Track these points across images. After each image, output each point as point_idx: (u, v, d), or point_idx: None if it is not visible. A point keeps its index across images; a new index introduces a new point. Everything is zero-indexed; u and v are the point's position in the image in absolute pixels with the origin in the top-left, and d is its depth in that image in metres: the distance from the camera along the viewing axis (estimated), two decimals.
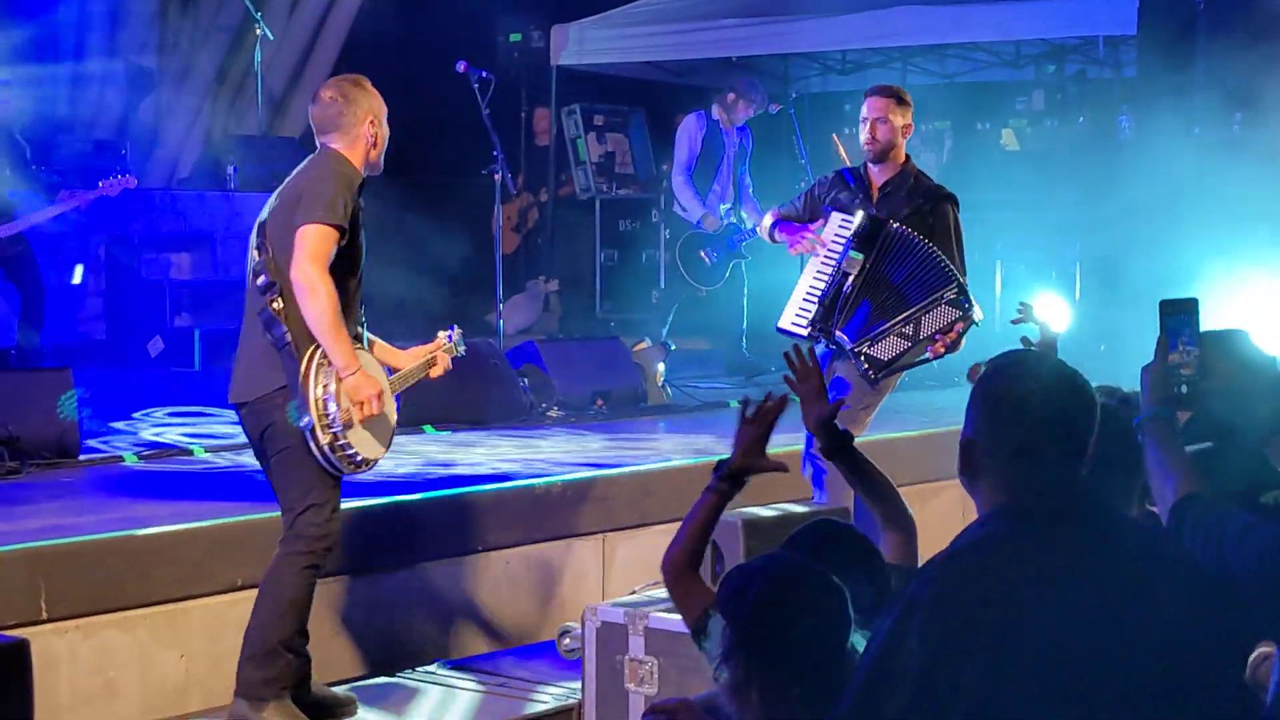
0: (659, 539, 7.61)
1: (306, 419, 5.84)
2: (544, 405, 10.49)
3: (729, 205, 12.65)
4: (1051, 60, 15.85)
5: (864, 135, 7.66)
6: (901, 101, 7.66)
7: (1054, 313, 13.62)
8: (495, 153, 11.29)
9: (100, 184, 11.61)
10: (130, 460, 8.65)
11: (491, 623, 7.64)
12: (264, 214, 6.05)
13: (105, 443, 9.15)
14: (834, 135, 17.85)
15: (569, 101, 16.46)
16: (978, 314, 7.45)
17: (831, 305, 7.52)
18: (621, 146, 16.78)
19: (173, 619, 6.67)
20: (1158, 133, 12.74)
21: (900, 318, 7.42)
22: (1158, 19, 12.80)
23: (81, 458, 8.52)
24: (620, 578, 7.87)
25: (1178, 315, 4.03)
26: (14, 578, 6.25)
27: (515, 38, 16.87)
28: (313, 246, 5.78)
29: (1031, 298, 6.15)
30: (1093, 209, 13.53)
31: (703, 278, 12.63)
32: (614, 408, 10.78)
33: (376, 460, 6.13)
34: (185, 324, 13.21)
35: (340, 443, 5.90)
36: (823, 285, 7.53)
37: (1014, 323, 5.88)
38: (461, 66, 11.14)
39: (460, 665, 7.27)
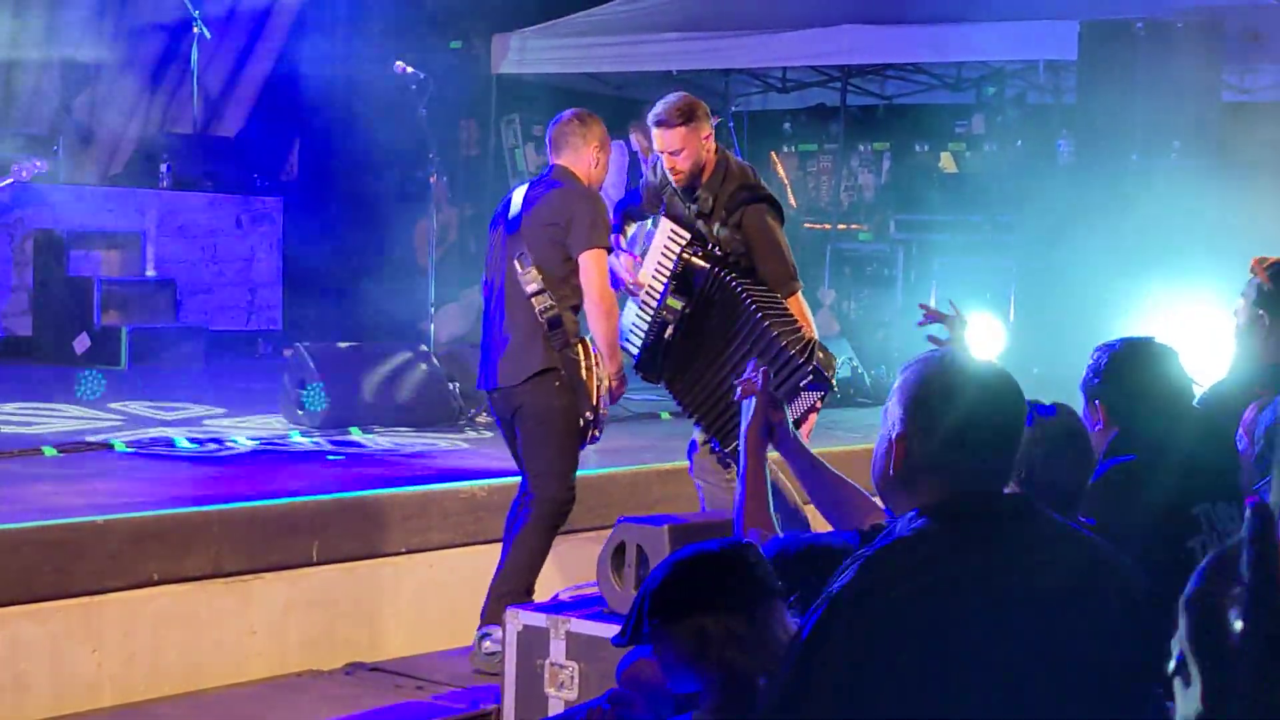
0: (585, 546, 7.58)
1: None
2: (474, 410, 10.38)
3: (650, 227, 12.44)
4: (991, 83, 15.87)
5: (665, 169, 7.04)
6: (693, 119, 6.91)
7: (988, 334, 13.72)
8: (431, 154, 11.20)
9: (12, 170, 11.44)
10: (49, 453, 8.51)
11: (413, 625, 7.54)
12: (513, 221, 7.00)
13: (25, 435, 9.01)
14: (772, 153, 17.95)
15: (508, 111, 16.38)
16: (833, 377, 6.81)
17: (654, 352, 7.07)
18: None
19: (87, 612, 6.55)
20: (1096, 158, 12.77)
21: None
22: (1098, 45, 12.82)
23: None
24: (545, 583, 7.78)
25: None
26: None
27: (456, 45, 16.78)
28: (604, 270, 6.94)
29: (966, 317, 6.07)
30: (1029, 232, 13.54)
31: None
32: None
33: None
34: (113, 321, 13.05)
35: (600, 424, 7.06)
36: (644, 324, 7.06)
37: (920, 324, 5.71)
38: (399, 67, 11.02)
39: (379, 667, 7.17)
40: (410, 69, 10.96)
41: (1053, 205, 13.05)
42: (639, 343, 7.12)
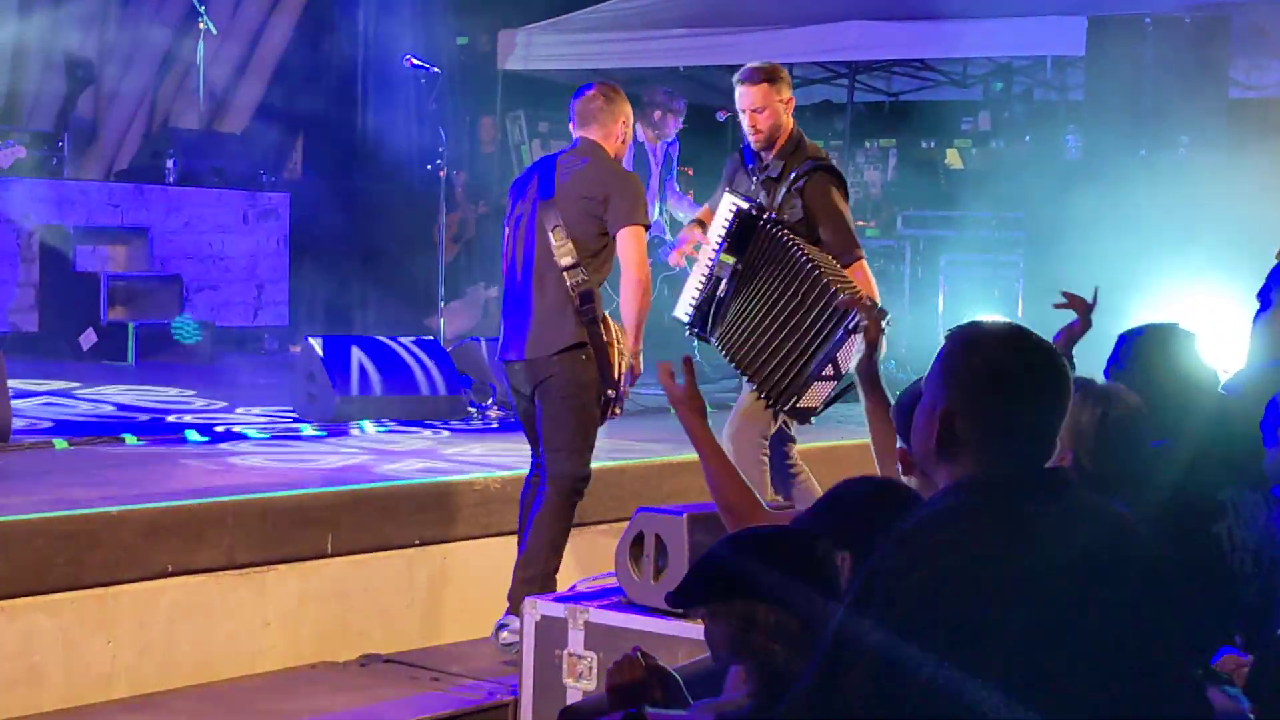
0: (600, 539, 7.57)
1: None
2: (484, 404, 10.37)
3: (656, 216, 12.40)
4: (998, 79, 15.84)
5: (746, 128, 7.28)
6: (775, 80, 7.26)
7: None
8: (441, 148, 11.17)
9: None
10: (60, 445, 8.48)
11: (427, 617, 7.52)
12: (546, 190, 6.96)
13: (35, 429, 8.98)
14: None
15: (514, 107, 16.34)
16: (887, 314, 6.59)
17: (707, 311, 7.23)
18: None
19: (101, 604, 6.53)
20: (1104, 154, 12.74)
21: (806, 357, 6.86)
22: (1105, 40, 12.80)
23: (10, 442, 8.34)
24: (561, 575, 7.76)
25: None
26: None
27: (462, 41, 16.75)
28: (643, 248, 6.93)
29: (975, 317, 6.00)
30: (1036, 229, 13.50)
31: None
32: None
33: None
34: (119, 317, 13.03)
35: (621, 401, 7.08)
36: (700, 283, 7.28)
37: (1057, 306, 5.85)
38: (408, 61, 11.00)
39: (394, 658, 7.15)
40: (417, 63, 10.93)
41: (1060, 201, 13.00)
42: (693, 302, 7.27)
